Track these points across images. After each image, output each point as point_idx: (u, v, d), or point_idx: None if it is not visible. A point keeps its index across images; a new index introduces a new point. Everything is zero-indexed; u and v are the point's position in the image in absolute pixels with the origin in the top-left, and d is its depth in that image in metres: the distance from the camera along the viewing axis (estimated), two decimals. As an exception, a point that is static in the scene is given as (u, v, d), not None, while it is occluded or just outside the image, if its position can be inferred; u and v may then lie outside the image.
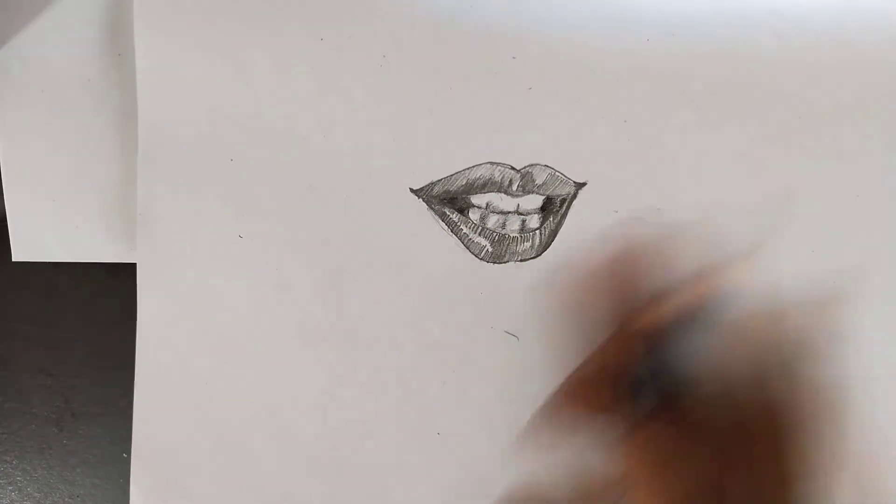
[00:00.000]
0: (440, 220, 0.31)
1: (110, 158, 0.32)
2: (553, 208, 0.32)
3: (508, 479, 0.33)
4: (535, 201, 0.31)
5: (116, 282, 0.33)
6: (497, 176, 0.31)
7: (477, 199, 0.31)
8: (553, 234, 0.32)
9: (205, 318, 0.32)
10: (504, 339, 0.32)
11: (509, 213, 0.31)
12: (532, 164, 0.31)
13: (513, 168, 0.31)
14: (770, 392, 0.30)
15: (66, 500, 0.36)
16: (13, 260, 0.33)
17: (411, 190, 0.31)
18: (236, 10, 0.30)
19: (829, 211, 0.32)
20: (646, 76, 0.31)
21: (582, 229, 0.32)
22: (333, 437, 0.33)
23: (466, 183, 0.31)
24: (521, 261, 0.32)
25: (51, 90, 0.31)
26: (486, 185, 0.31)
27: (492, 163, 0.31)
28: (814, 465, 0.30)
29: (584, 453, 0.31)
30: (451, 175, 0.31)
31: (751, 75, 0.31)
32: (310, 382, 0.32)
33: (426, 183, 0.31)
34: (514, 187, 0.31)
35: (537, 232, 0.32)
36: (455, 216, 0.31)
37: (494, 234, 0.31)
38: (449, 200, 0.31)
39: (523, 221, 0.31)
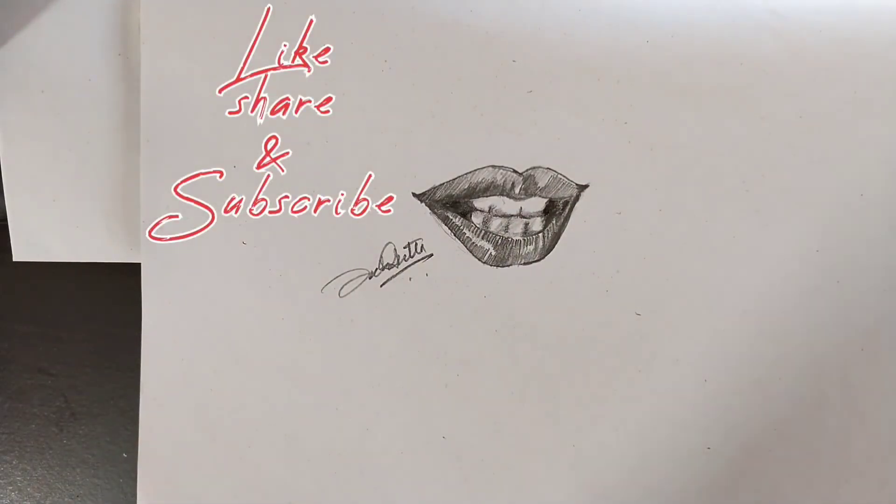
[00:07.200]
0: (443, 225, 0.31)
1: (110, 158, 0.32)
2: (556, 211, 0.32)
3: (512, 483, 0.33)
4: (537, 204, 0.31)
5: (117, 282, 0.33)
6: (499, 179, 0.31)
7: (479, 203, 0.31)
8: (556, 236, 0.32)
9: (209, 325, 0.32)
10: (508, 341, 0.32)
11: (512, 216, 0.31)
12: (534, 167, 0.31)
13: (515, 171, 0.31)
14: None
15: (66, 500, 0.36)
16: (13, 260, 0.33)
17: (414, 194, 0.31)
18: (240, 19, 0.30)
19: (831, 211, 0.32)
20: (646, 78, 0.31)
21: (585, 232, 0.32)
22: (337, 442, 0.33)
23: (469, 187, 0.31)
24: (525, 264, 0.32)
25: (51, 90, 0.31)
26: (488, 189, 0.31)
27: (494, 166, 0.31)
28: None
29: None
30: (454, 179, 0.31)
31: (751, 75, 0.31)
32: (314, 387, 0.32)
33: (429, 187, 0.31)
34: (517, 190, 0.31)
35: (540, 235, 0.32)
36: (458, 220, 0.31)
37: (497, 237, 0.31)
38: (451, 204, 0.31)
39: (526, 224, 0.31)
